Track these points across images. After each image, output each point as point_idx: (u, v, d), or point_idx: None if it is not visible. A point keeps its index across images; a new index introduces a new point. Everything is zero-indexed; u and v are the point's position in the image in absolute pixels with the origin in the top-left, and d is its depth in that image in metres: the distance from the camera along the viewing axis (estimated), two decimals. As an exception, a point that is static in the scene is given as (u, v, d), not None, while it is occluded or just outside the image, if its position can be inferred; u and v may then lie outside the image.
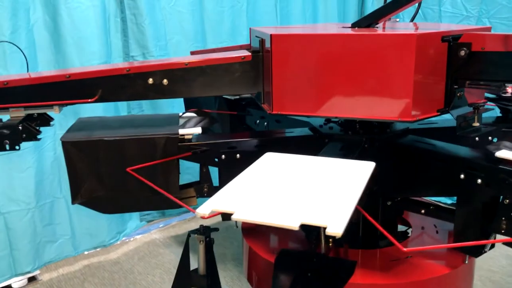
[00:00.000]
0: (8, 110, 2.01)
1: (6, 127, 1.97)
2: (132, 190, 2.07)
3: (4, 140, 1.98)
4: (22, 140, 2.02)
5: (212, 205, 1.40)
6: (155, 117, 2.45)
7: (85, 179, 2.04)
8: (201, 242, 2.44)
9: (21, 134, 2.01)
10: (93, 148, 2.00)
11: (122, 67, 2.04)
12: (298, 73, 1.92)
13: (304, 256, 1.81)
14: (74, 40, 3.46)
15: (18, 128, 1.99)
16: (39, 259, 3.65)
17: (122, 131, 2.07)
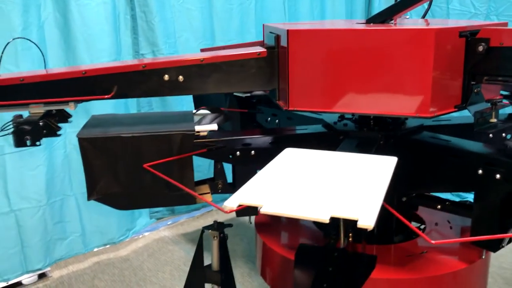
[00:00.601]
0: (24, 106, 2.00)
1: (27, 123, 1.97)
2: (147, 187, 2.06)
3: (26, 136, 1.97)
4: (43, 136, 2.02)
5: (239, 198, 1.39)
6: (169, 114, 2.45)
7: (101, 176, 2.03)
8: (215, 238, 2.44)
9: (42, 130, 2.00)
10: (109, 145, 2.00)
11: (138, 64, 2.04)
12: (315, 69, 1.92)
13: (325, 251, 1.81)
14: (84, 37, 3.47)
15: (39, 124, 1.99)
16: (49, 256, 3.66)
17: (138, 128, 2.07)
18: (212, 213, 4.81)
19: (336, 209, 1.28)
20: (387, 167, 1.60)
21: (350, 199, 1.36)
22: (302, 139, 2.26)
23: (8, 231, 3.41)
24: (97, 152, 2.00)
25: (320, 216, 1.24)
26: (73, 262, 3.90)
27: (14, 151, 3.29)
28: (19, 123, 1.98)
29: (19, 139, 1.99)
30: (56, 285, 3.66)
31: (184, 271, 3.76)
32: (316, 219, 1.25)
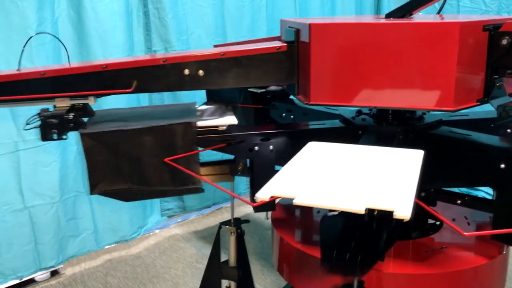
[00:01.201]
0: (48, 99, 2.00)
1: (55, 117, 1.97)
2: (151, 181, 2.06)
3: (52, 129, 1.97)
4: (69, 129, 2.02)
5: (271, 190, 1.39)
6: (173, 107, 2.43)
7: (103, 170, 2.03)
8: (232, 233, 2.44)
9: (68, 124, 2.00)
10: (111, 139, 1.99)
11: (159, 58, 2.03)
12: (337, 63, 1.91)
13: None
14: (98, 34, 3.47)
15: (66, 117, 1.98)
16: (62, 253, 3.66)
17: (140, 122, 2.06)
18: (222, 211, 4.81)
19: (371, 200, 1.28)
20: (415, 159, 1.60)
21: (382, 191, 1.35)
22: (320, 134, 2.25)
23: (22, 228, 3.41)
24: (99, 147, 2.00)
25: (355, 207, 1.24)
26: (85, 259, 3.91)
27: (28, 147, 3.30)
28: (46, 116, 1.97)
29: (45, 132, 1.98)
30: (69, 282, 3.66)
31: (196, 268, 3.77)
32: (352, 210, 1.25)
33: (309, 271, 2.14)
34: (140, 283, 3.60)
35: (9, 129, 3.22)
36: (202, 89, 2.14)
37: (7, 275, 3.41)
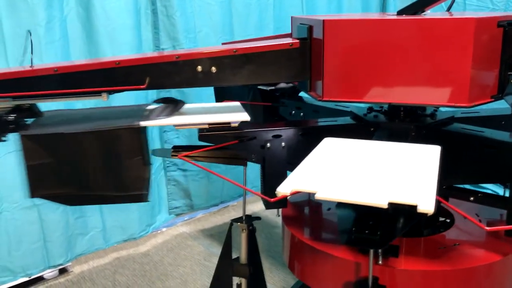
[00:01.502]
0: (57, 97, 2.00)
1: None
2: (93, 186, 1.99)
3: None
4: (9, 131, 2.00)
5: (292, 184, 1.39)
6: (125, 109, 2.33)
7: (43, 174, 1.96)
8: (244, 230, 2.43)
9: (8, 125, 1.98)
10: (51, 143, 1.92)
11: (172, 54, 2.03)
12: (351, 59, 1.91)
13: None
14: (106, 31, 3.47)
15: (6, 119, 1.97)
16: (71, 251, 3.66)
17: (86, 125, 1.98)
18: (228, 209, 4.82)
19: (393, 194, 1.28)
20: (432, 155, 1.60)
21: (404, 186, 1.35)
22: (332, 130, 2.25)
23: (31, 226, 3.41)
24: (39, 150, 1.92)
25: (378, 201, 1.24)
26: (93, 257, 3.91)
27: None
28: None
29: None
30: (77, 279, 3.66)
31: (204, 266, 3.77)
32: (374, 204, 1.25)
33: (321, 268, 2.14)
34: (148, 281, 3.60)
35: (19, 126, 3.22)
36: (214, 85, 2.14)
37: (16, 273, 3.41)
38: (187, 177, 4.33)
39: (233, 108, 2.32)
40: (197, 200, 4.45)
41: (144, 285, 3.57)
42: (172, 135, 4.14)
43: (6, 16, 3.04)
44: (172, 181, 4.30)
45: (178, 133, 4.16)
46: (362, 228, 1.65)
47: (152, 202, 4.11)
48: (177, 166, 4.26)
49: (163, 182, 4.27)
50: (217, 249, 4.02)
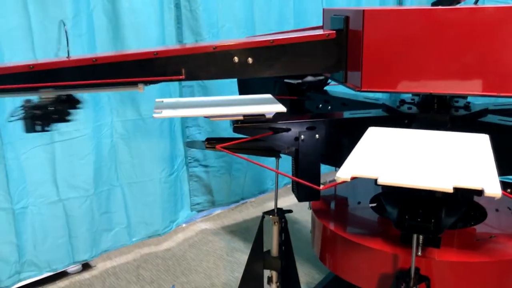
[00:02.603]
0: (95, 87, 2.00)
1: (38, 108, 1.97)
2: None
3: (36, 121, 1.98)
4: (53, 121, 2.02)
5: (351, 170, 1.38)
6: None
7: None
8: (275, 223, 2.42)
9: (52, 115, 2.00)
10: None
11: (209, 45, 2.03)
12: (391, 49, 1.91)
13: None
14: (132, 25, 3.46)
15: (50, 109, 1.98)
16: (96, 247, 3.65)
17: None
18: (247, 206, 4.81)
19: (458, 179, 1.27)
20: (483, 143, 1.59)
21: (465, 171, 1.34)
22: (366, 122, 2.24)
23: (56, 221, 3.41)
24: None
25: (443, 186, 1.23)
26: (116, 252, 3.90)
27: (64, 139, 3.29)
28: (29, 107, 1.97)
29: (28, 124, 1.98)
30: (100, 273, 3.67)
31: (227, 260, 3.77)
32: (440, 189, 1.24)
33: (357, 260, 2.14)
34: (172, 275, 3.60)
35: (45, 120, 3.22)
36: (250, 76, 2.13)
37: (42, 268, 3.40)
38: (209, 173, 4.33)
39: (266, 100, 2.32)
40: (218, 197, 4.44)
41: (168, 279, 3.56)
42: (194, 130, 4.13)
43: (34, 9, 3.04)
44: (194, 177, 4.29)
45: (200, 129, 4.15)
46: (415, 216, 1.65)
47: (175, 198, 4.10)
48: (199, 162, 4.25)
49: (185, 178, 4.27)
50: (238, 245, 4.02)
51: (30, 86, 1.94)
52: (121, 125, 3.60)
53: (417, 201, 1.77)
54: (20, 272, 3.29)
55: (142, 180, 3.83)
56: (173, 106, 2.23)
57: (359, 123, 2.24)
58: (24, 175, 3.22)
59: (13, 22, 2.99)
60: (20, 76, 1.93)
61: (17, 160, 3.15)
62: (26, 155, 3.20)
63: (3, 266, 3.19)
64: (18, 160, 3.16)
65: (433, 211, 1.74)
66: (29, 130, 1.98)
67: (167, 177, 3.96)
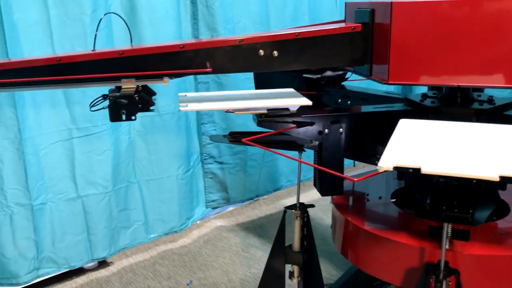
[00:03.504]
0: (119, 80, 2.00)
1: (124, 97, 1.97)
2: None
3: (122, 110, 1.97)
4: (138, 110, 2.01)
5: (393, 160, 1.37)
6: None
7: None
8: (297, 217, 2.42)
9: (138, 105, 2.00)
10: None
11: (235, 38, 2.03)
12: (420, 42, 1.90)
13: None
14: (150, 21, 3.46)
15: (135, 98, 1.98)
16: (114, 244, 3.64)
17: None
18: (259, 202, 4.81)
19: (503, 168, 1.26)
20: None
21: (508, 160, 1.33)
22: (391, 116, 2.24)
23: (75, 218, 3.40)
24: None
25: (489, 174, 1.22)
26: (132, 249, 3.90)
27: (82, 135, 3.29)
28: (115, 97, 1.97)
29: (114, 113, 1.98)
30: (118, 270, 3.67)
31: (243, 256, 3.77)
32: (485, 177, 1.23)
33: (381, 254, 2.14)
34: (189, 271, 3.60)
35: (64, 116, 3.22)
36: (276, 70, 2.13)
37: (60, 264, 3.40)
38: (224, 170, 4.32)
39: (289, 94, 2.31)
40: (233, 193, 4.44)
41: (185, 275, 3.56)
42: (209, 127, 4.13)
43: (53, 5, 3.04)
44: (209, 174, 4.29)
45: (215, 126, 4.15)
46: (451, 207, 1.65)
47: (191, 195, 4.10)
48: (214, 159, 4.25)
49: (200, 175, 4.26)
50: (253, 241, 4.02)
51: (56, 78, 1.94)
52: (139, 121, 3.60)
53: (452, 192, 1.76)
54: (38, 268, 3.29)
55: (159, 177, 3.82)
56: (197, 100, 2.22)
57: (384, 117, 2.24)
58: (43, 171, 3.22)
59: (33, 17, 2.99)
60: (47, 69, 1.93)
61: (36, 156, 3.15)
62: (45, 150, 3.20)
63: (21, 262, 3.19)
64: (37, 156, 3.16)
65: (470, 202, 1.73)
66: (114, 119, 1.99)
67: (183, 174, 3.95)
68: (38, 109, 3.12)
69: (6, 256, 3.14)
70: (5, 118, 2.97)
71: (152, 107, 2.05)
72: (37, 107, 3.11)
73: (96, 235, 3.51)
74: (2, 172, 3.04)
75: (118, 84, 2.01)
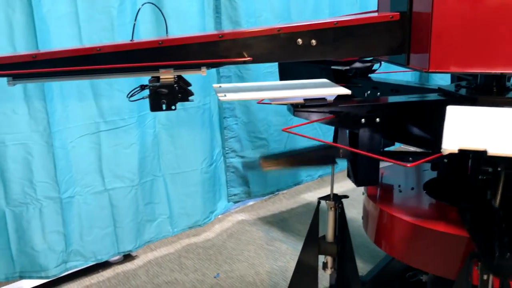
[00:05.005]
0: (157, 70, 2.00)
1: (164, 87, 1.97)
2: None
3: (162, 99, 1.97)
4: (178, 100, 2.01)
5: (456, 142, 1.37)
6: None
7: None
8: (331, 208, 2.42)
9: (177, 94, 2.00)
10: None
11: (273, 28, 2.02)
12: (462, 29, 1.89)
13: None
14: (175, 15, 3.45)
15: (175, 88, 1.98)
16: (140, 238, 3.64)
17: None
18: (280, 197, 4.81)
19: None
20: None
21: None
22: (427, 106, 2.24)
23: (102, 211, 3.40)
24: None
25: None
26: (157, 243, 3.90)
27: (109, 129, 3.29)
28: (156, 86, 1.97)
29: (154, 103, 1.98)
30: (143, 263, 3.68)
31: (268, 250, 3.77)
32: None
33: (420, 243, 2.13)
34: (215, 264, 3.60)
35: (91, 109, 3.22)
36: (314, 59, 2.13)
37: (87, 258, 3.40)
38: (246, 164, 4.33)
39: (324, 84, 2.31)
40: (254, 188, 4.43)
41: (212, 268, 3.57)
42: (232, 121, 4.12)
43: (81, -3, 3.05)
44: (231, 168, 4.28)
45: (237, 120, 4.14)
46: None
47: (214, 189, 4.10)
48: (236, 153, 4.24)
49: (222, 169, 4.26)
50: (277, 234, 4.01)
51: (97, 68, 1.95)
52: (164, 115, 3.59)
53: None
54: (66, 262, 3.30)
55: (184, 171, 3.82)
56: (233, 91, 2.22)
57: (421, 107, 2.23)
58: (71, 164, 3.23)
59: (62, 10, 3.00)
60: (88, 58, 1.93)
61: (64, 149, 3.15)
62: (73, 144, 3.20)
63: (51, 255, 3.19)
64: (65, 149, 3.17)
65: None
66: (155, 109, 1.99)
67: (207, 168, 3.95)
68: (65, 102, 3.12)
69: (36, 249, 3.14)
70: (34, 111, 2.97)
71: (191, 97, 2.05)
72: (65, 100, 3.12)
73: (123, 228, 3.51)
74: (32, 165, 3.04)
75: (155, 74, 2.01)
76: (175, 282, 3.43)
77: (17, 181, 3.04)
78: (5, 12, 2.78)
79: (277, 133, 4.35)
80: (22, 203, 3.07)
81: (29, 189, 3.07)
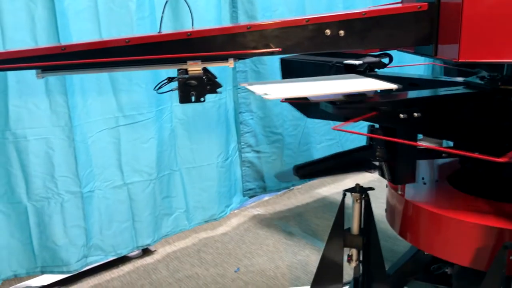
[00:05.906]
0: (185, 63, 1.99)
1: (193, 79, 1.96)
2: None
3: (191, 91, 1.97)
4: (207, 92, 2.00)
5: None
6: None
7: None
8: (357, 200, 2.40)
9: (206, 86, 1.99)
10: None
11: (301, 18, 2.01)
12: (493, 18, 1.87)
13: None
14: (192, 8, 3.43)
15: (204, 79, 1.97)
16: (157, 232, 3.64)
17: None
18: (294, 192, 4.81)
19: None
20: None
21: None
22: (460, 99, 2.22)
23: (121, 205, 3.41)
24: None
25: None
26: (174, 237, 3.91)
27: (128, 123, 3.29)
28: (185, 78, 1.97)
29: (184, 94, 1.98)
30: (163, 258, 3.68)
31: (287, 244, 3.77)
32: None
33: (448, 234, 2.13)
34: (235, 258, 3.60)
35: (110, 104, 3.22)
36: (341, 50, 2.12)
37: (107, 252, 3.41)
38: (261, 159, 4.31)
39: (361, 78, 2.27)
40: (270, 182, 4.42)
41: (232, 262, 3.57)
42: (247, 116, 4.13)
43: (100, -8, 3.05)
44: (247, 162, 4.28)
45: (253, 115, 4.15)
46: None
47: (229, 183, 4.10)
48: (252, 147, 4.24)
49: (237, 164, 4.26)
50: (294, 229, 4.01)
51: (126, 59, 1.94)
52: (180, 110, 3.59)
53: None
54: (87, 256, 3.30)
55: (200, 165, 3.82)
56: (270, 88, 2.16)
57: (455, 101, 2.22)
58: (91, 159, 3.23)
59: (82, 4, 3.00)
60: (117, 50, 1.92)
61: (84, 144, 3.16)
62: (92, 138, 3.21)
63: (72, 250, 3.20)
64: (86, 144, 3.17)
65: None
66: (184, 100, 1.98)
67: (223, 162, 3.96)
68: (85, 97, 3.12)
69: (57, 243, 3.15)
70: (55, 106, 2.98)
71: (219, 89, 2.04)
72: (85, 95, 3.12)
73: (141, 222, 3.52)
74: (53, 159, 3.04)
75: (183, 66, 2.00)
76: (196, 276, 3.42)
77: (39, 176, 3.04)
78: (27, 6, 2.78)
79: (292, 128, 4.35)
80: (43, 198, 3.08)
81: (50, 183, 3.07)
